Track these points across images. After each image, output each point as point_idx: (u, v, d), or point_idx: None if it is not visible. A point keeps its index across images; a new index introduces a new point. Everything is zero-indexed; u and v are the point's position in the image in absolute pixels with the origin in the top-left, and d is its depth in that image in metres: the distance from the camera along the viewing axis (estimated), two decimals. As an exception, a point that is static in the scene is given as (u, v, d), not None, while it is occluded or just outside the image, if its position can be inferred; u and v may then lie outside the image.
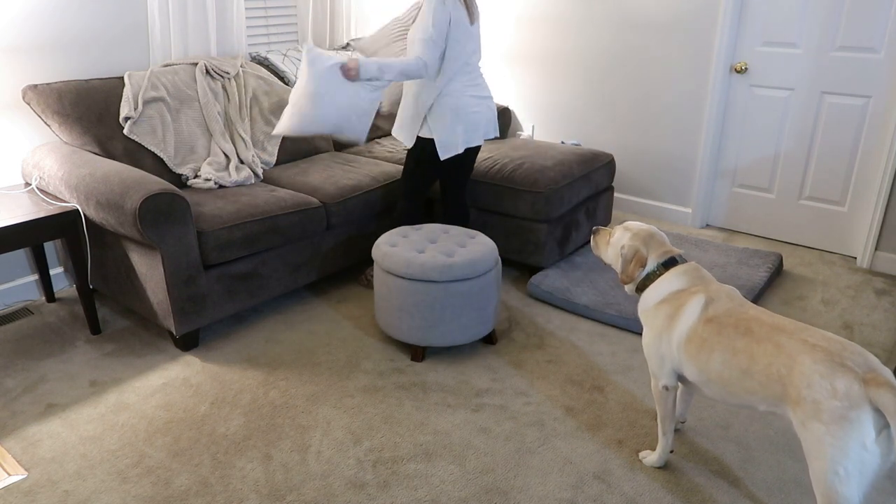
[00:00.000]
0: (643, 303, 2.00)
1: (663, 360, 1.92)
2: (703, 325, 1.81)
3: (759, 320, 1.73)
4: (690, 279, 1.92)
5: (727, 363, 1.74)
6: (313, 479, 2.03)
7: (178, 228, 2.49)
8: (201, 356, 2.66)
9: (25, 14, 2.83)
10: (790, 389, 1.59)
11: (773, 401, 1.66)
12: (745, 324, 1.74)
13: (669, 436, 2.03)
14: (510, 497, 1.97)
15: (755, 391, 1.69)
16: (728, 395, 1.78)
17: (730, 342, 1.74)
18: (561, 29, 4.26)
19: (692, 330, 1.83)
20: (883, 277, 3.40)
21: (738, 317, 1.77)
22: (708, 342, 1.79)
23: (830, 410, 1.50)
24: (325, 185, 3.15)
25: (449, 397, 2.42)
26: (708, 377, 1.80)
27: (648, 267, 1.98)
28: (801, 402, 1.55)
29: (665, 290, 1.94)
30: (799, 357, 1.59)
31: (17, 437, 2.19)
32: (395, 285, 2.57)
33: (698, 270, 1.95)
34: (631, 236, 2.03)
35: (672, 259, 1.97)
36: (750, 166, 3.85)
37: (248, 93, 3.39)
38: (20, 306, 3.03)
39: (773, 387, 1.64)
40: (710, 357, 1.78)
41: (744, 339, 1.72)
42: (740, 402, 1.77)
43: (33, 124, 2.96)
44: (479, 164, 3.37)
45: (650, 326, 1.96)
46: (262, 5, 3.78)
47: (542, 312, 3.03)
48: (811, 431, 1.54)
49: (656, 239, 2.01)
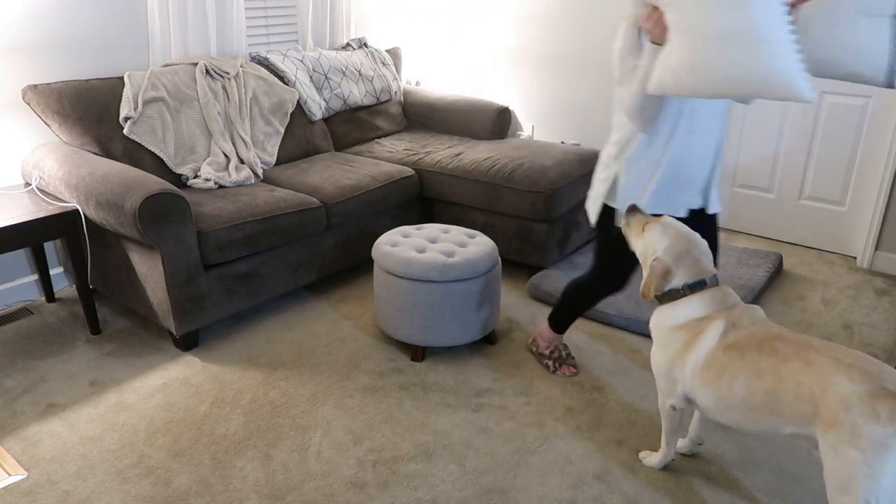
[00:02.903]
0: (658, 319, 1.88)
1: (675, 384, 1.85)
2: (723, 352, 1.71)
3: (782, 338, 1.63)
4: (714, 307, 1.79)
5: (751, 387, 1.64)
6: (313, 479, 2.03)
7: (178, 228, 2.49)
8: (201, 356, 2.67)
9: (25, 14, 2.83)
10: (824, 411, 1.48)
11: (801, 422, 1.55)
12: (769, 343, 1.64)
13: (673, 447, 2.02)
14: (510, 497, 1.97)
15: (781, 412, 1.59)
16: (748, 422, 1.68)
17: (754, 365, 1.64)
18: (561, 29, 4.25)
19: (710, 356, 1.73)
20: (883, 277, 3.40)
21: (761, 338, 1.66)
22: (729, 368, 1.69)
23: (871, 437, 1.40)
24: (325, 185, 3.15)
25: (449, 397, 2.42)
26: (729, 404, 1.70)
27: (674, 283, 1.83)
28: (837, 425, 1.45)
29: (684, 315, 1.81)
30: (834, 377, 1.48)
31: (17, 437, 2.19)
32: (395, 285, 2.57)
33: (725, 296, 1.81)
34: (665, 248, 1.84)
35: (701, 282, 1.82)
36: (750, 166, 3.85)
37: (248, 93, 3.39)
38: (20, 306, 3.03)
39: (802, 407, 1.54)
40: (732, 383, 1.68)
41: (769, 359, 1.62)
42: (762, 428, 1.66)
43: (33, 124, 2.96)
44: (479, 164, 3.37)
45: (662, 348, 1.86)
46: (262, 5, 3.78)
47: (542, 312, 3.03)
48: (844, 458, 1.44)
49: (692, 256, 1.84)
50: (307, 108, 3.67)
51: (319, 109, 3.74)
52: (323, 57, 3.84)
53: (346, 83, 3.88)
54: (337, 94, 3.83)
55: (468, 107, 4.05)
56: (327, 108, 3.81)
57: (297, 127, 3.62)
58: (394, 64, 4.28)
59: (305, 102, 3.66)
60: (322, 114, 3.78)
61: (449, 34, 4.79)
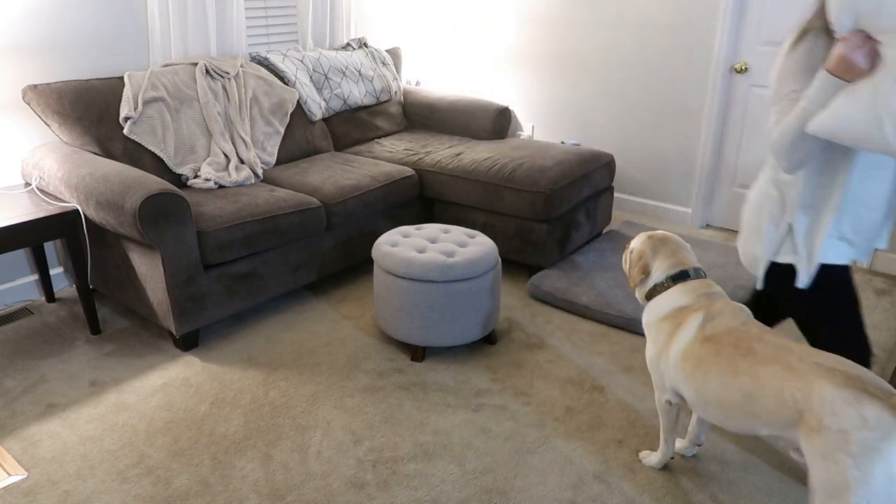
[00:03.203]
0: (647, 315, 1.93)
1: (663, 378, 1.88)
2: (700, 345, 1.73)
3: (762, 340, 1.63)
4: (696, 297, 1.82)
5: (727, 385, 1.64)
6: (313, 479, 2.03)
7: (178, 228, 2.49)
8: (201, 356, 2.67)
9: (25, 14, 2.83)
10: (808, 416, 1.48)
11: (782, 426, 1.55)
12: (747, 343, 1.64)
13: (671, 444, 2.02)
14: (510, 497, 1.97)
15: (759, 415, 1.59)
16: (726, 419, 1.69)
17: (730, 363, 1.64)
18: (561, 29, 4.26)
19: (688, 348, 1.75)
20: (883, 277, 3.40)
21: (739, 336, 1.67)
22: (705, 362, 1.70)
23: (861, 442, 1.39)
24: (325, 185, 3.15)
25: (449, 397, 2.42)
26: (705, 399, 1.72)
27: (656, 277, 1.90)
28: (824, 431, 1.44)
29: (668, 305, 1.86)
30: (817, 382, 1.48)
31: (17, 437, 2.19)
32: (395, 285, 2.57)
33: (709, 287, 1.85)
34: (643, 241, 1.96)
35: (684, 273, 1.87)
36: (750, 166, 3.85)
37: (248, 93, 3.40)
38: (20, 306, 3.03)
39: (783, 412, 1.53)
40: (706, 378, 1.69)
41: (746, 359, 1.62)
42: (739, 427, 1.67)
43: (33, 124, 2.96)
44: (479, 164, 3.37)
45: (652, 342, 1.90)
46: (262, 5, 3.78)
47: (542, 312, 3.03)
48: (834, 464, 1.42)
49: (668, 246, 1.92)
50: (307, 108, 3.67)
51: (319, 109, 3.74)
52: (323, 57, 3.84)
53: (346, 83, 3.88)
54: (337, 94, 3.83)
55: (468, 107, 4.05)
56: (327, 108, 3.81)
57: (297, 127, 3.62)
58: (394, 64, 4.28)
59: (305, 102, 3.66)
60: (322, 114, 3.78)
61: (449, 34, 4.79)
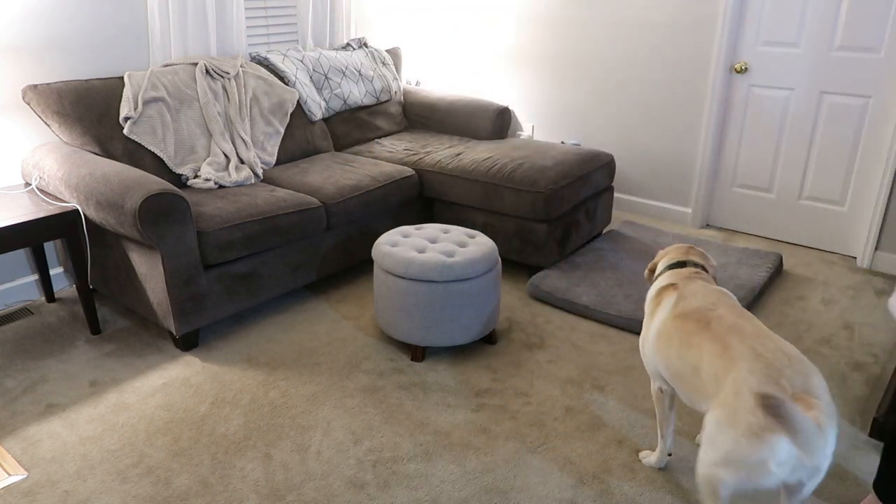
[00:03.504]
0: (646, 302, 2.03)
1: (649, 360, 1.93)
2: (672, 321, 1.79)
3: (721, 319, 1.68)
4: (679, 279, 1.91)
5: (682, 358, 1.72)
6: (313, 479, 2.03)
7: (178, 228, 2.49)
8: (201, 356, 2.67)
9: (25, 14, 2.83)
10: (721, 392, 1.55)
11: (708, 400, 1.62)
12: (706, 320, 1.70)
13: (668, 438, 2.03)
14: (510, 497, 1.97)
15: (699, 389, 1.66)
16: (685, 395, 1.75)
17: (686, 337, 1.72)
18: (561, 29, 4.26)
19: (662, 325, 1.82)
20: (883, 277, 3.40)
21: (704, 314, 1.73)
22: (673, 337, 1.77)
23: (747, 424, 1.46)
24: (325, 185, 3.15)
25: (449, 397, 2.42)
26: (671, 373, 1.78)
27: (659, 270, 2.04)
28: (725, 406, 1.52)
29: (656, 286, 1.97)
30: (739, 363, 1.55)
31: (17, 437, 2.19)
32: (395, 285, 2.57)
33: (697, 274, 1.93)
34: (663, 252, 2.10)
35: (681, 263, 1.99)
36: (750, 166, 3.85)
37: (248, 93, 3.40)
38: (20, 306, 3.03)
39: (710, 386, 1.61)
40: (669, 352, 1.77)
41: (699, 335, 1.68)
42: (694, 401, 1.72)
43: (33, 124, 2.96)
44: (479, 164, 3.37)
45: (644, 327, 1.97)
46: (262, 5, 3.78)
47: (542, 312, 3.03)
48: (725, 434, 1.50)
49: (682, 248, 2.05)
50: (307, 108, 3.67)
51: (319, 109, 3.74)
52: (323, 57, 3.84)
53: (346, 83, 3.88)
54: (337, 94, 3.83)
55: (468, 107, 4.05)
56: (327, 108, 3.81)
57: (297, 127, 3.62)
58: (394, 64, 4.28)
59: (305, 102, 3.66)
60: (322, 114, 3.78)
61: (449, 34, 4.79)
